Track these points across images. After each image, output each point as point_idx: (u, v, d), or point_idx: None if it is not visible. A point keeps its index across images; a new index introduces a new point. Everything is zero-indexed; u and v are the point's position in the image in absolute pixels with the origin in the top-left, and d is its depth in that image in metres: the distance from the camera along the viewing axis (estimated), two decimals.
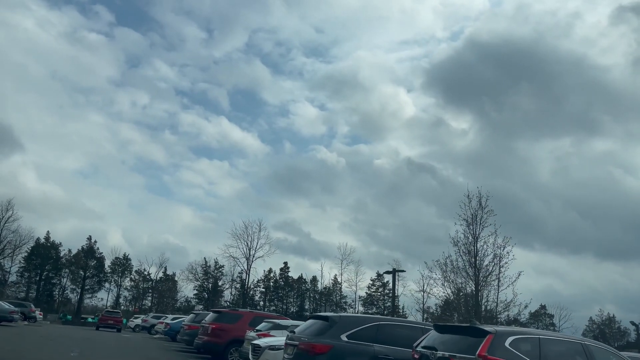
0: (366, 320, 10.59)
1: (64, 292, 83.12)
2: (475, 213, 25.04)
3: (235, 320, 19.08)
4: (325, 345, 9.65)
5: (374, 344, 9.93)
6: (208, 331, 18.76)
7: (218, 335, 18.54)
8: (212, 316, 19.61)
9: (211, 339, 18.56)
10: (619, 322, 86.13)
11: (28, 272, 79.82)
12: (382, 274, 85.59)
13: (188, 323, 24.26)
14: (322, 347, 9.63)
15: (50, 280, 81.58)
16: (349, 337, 9.90)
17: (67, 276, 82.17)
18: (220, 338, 18.51)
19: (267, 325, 16.98)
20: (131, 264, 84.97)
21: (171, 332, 32.22)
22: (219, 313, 19.73)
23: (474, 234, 24.69)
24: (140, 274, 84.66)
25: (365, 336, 10.02)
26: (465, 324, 10.22)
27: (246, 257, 74.05)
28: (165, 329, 32.96)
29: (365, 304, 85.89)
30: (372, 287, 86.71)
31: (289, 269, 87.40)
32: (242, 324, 19.02)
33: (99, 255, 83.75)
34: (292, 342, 10.41)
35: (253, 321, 19.20)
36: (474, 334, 7.64)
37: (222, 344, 18.39)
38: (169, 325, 32.76)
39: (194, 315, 24.82)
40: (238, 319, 19.15)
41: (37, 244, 79.31)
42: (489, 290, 25.05)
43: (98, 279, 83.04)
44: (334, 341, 9.76)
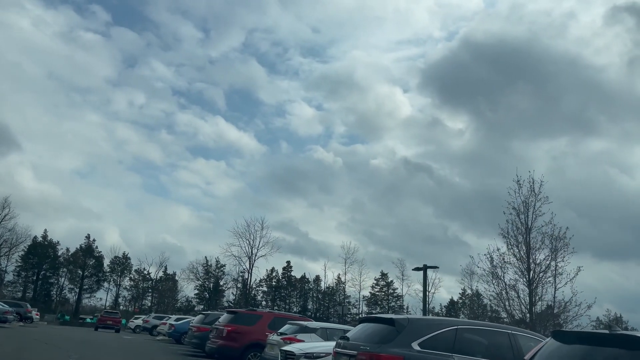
0: (442, 323, 8.33)
1: (62, 292, 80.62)
2: (527, 200, 22.46)
3: (253, 322, 16.88)
4: (394, 357, 7.45)
5: (452, 354, 7.75)
6: (223, 334, 16.55)
7: (234, 339, 16.34)
8: (227, 317, 17.36)
9: (227, 343, 16.33)
10: (626, 323, 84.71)
11: (25, 271, 77.40)
12: (384, 274, 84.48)
13: (197, 325, 22.02)
14: (391, 358, 7.44)
15: (47, 280, 79.12)
16: (422, 346, 7.70)
17: (65, 275, 79.69)
18: (237, 342, 16.31)
19: (292, 328, 14.79)
20: (130, 263, 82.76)
21: (176, 333, 30.01)
22: (235, 314, 17.45)
23: (526, 225, 22.14)
24: (140, 273, 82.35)
25: (442, 344, 7.82)
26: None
27: (248, 256, 72.25)
28: (170, 331, 30.69)
29: (368, 304, 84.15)
30: (375, 287, 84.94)
31: (292, 268, 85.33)
32: (261, 325, 16.84)
33: (97, 254, 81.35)
34: (346, 352, 8.19)
35: (273, 323, 17.03)
36: None
37: (239, 348, 16.19)
38: (174, 326, 30.51)
39: (203, 316, 22.57)
40: (256, 321, 16.94)
41: (34, 242, 76.88)
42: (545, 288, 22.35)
43: (97, 279, 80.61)
44: (404, 351, 7.56)
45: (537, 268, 21.82)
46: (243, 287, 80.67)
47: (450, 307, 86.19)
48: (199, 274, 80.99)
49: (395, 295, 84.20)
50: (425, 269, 23.14)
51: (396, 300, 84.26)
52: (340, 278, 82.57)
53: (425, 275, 23.26)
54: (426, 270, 23.25)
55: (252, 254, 72.26)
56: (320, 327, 14.70)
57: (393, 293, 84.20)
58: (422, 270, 23.13)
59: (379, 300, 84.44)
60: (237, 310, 17.63)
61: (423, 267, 23.13)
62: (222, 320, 17.44)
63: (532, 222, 21.74)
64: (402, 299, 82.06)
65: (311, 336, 14.30)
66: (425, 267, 23.16)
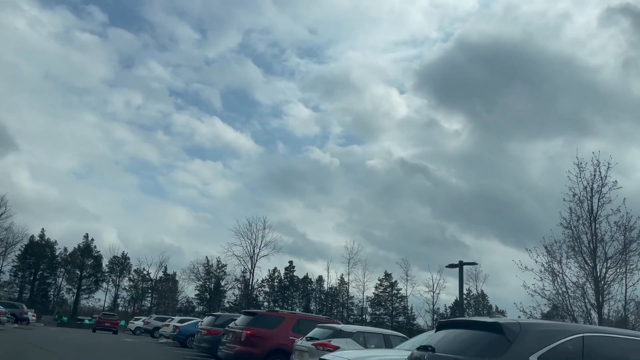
0: (564, 330, 6.12)
1: (60, 293, 78.13)
2: (591, 186, 20.12)
3: (275, 325, 14.79)
4: None
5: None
6: (241, 338, 14.43)
7: (255, 344, 14.24)
8: (245, 319, 15.21)
9: (246, 348, 14.22)
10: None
11: (22, 271, 74.95)
12: (388, 274, 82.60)
13: (207, 327, 19.88)
14: None
15: (45, 280, 76.66)
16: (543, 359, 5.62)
17: (63, 276, 77.27)
18: (257, 347, 14.21)
19: (324, 332, 12.69)
20: (130, 263, 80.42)
21: (181, 336, 27.88)
22: (254, 315, 15.27)
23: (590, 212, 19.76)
24: (139, 273, 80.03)
25: (566, 357, 5.74)
26: None
27: (250, 256, 70.33)
28: (174, 333, 28.53)
29: (372, 305, 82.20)
30: (379, 288, 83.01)
31: (294, 268, 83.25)
32: (284, 328, 14.77)
33: (96, 254, 78.91)
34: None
35: (297, 325, 14.97)
36: None
37: (261, 355, 14.11)
38: (178, 328, 28.35)
39: (213, 318, 20.41)
40: (278, 323, 14.85)
41: (31, 242, 74.49)
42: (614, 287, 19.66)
43: (95, 279, 78.21)
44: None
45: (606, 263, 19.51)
46: (245, 287, 78.65)
47: (455, 308, 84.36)
48: (200, 274, 78.97)
49: (399, 296, 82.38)
50: (462, 266, 21.08)
51: (400, 301, 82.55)
52: (343, 278, 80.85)
53: (461, 272, 21.18)
54: (462, 267, 21.18)
55: (254, 253, 70.42)
56: (357, 331, 12.62)
57: (397, 294, 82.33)
58: (458, 266, 21.08)
59: (383, 301, 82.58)
60: (256, 312, 15.50)
61: (459, 264, 21.06)
62: (239, 322, 15.30)
63: (599, 210, 19.48)
64: (407, 299, 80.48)
65: (347, 342, 12.22)
66: (462, 264, 21.07)
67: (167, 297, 79.18)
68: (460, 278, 21.37)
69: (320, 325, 13.36)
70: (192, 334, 27.74)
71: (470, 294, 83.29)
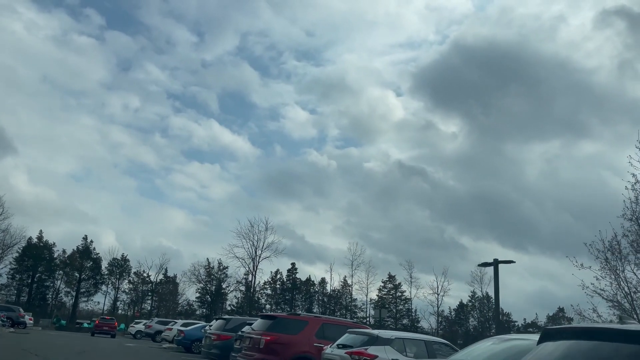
0: None
1: (58, 296, 76.27)
2: None
3: (297, 330, 13.16)
4: None
5: None
6: (260, 345, 12.80)
7: (275, 352, 12.61)
8: (263, 324, 13.56)
9: (265, 356, 12.57)
10: None
11: (19, 273, 73.11)
12: (392, 276, 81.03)
13: (217, 332, 18.21)
14: None
15: (43, 283, 74.79)
16: None
17: (62, 278, 75.39)
18: (278, 355, 12.58)
19: (357, 339, 11.08)
20: (129, 265, 78.57)
21: (186, 341, 26.19)
22: (273, 319, 13.59)
23: None
24: (139, 276, 78.22)
25: None
26: None
27: (252, 258, 68.76)
28: (179, 337, 26.84)
29: (376, 308, 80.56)
30: (383, 290, 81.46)
31: (297, 271, 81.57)
32: (308, 334, 13.15)
33: (95, 256, 77.06)
34: None
35: (321, 330, 13.36)
36: None
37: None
38: (183, 332, 26.67)
39: (223, 322, 18.75)
40: (301, 328, 13.22)
41: (29, 244, 72.65)
42: None
43: (94, 282, 76.37)
44: None
45: None
46: (247, 290, 76.97)
47: (460, 311, 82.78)
48: (201, 276, 77.29)
49: (403, 299, 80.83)
50: (497, 264, 19.39)
51: (404, 304, 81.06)
52: (346, 280, 79.31)
53: (497, 271, 19.51)
54: (497, 266, 19.50)
55: (255, 255, 68.87)
56: (396, 337, 10.99)
57: (401, 296, 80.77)
58: (493, 265, 19.41)
59: (387, 304, 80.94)
60: (276, 315, 13.83)
61: (494, 262, 19.40)
62: (256, 327, 13.65)
63: None
64: (411, 302, 78.98)
65: (385, 350, 10.62)
66: (497, 262, 19.38)
67: (168, 300, 77.40)
68: (496, 277, 19.68)
69: (351, 330, 11.75)
70: (197, 338, 26.12)
71: (475, 296, 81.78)
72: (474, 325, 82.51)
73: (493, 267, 19.64)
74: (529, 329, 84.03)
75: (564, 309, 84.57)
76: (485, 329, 78.69)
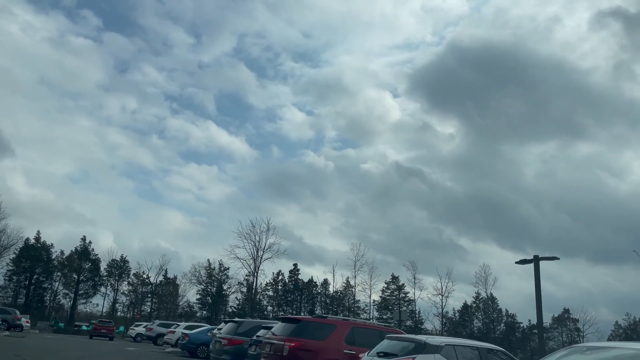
0: None
1: (56, 298, 74.30)
2: None
3: (325, 334, 11.55)
4: None
5: None
6: (283, 352, 11.19)
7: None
8: (286, 327, 11.96)
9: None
10: None
11: (17, 275, 71.15)
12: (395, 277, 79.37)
13: (228, 336, 16.59)
14: None
15: (40, 285, 72.80)
16: None
17: (60, 280, 73.45)
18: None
19: (400, 346, 9.50)
20: (129, 266, 76.69)
21: (191, 345, 24.55)
22: (297, 323, 11.94)
23: None
24: (139, 277, 76.39)
25: None
26: None
27: (253, 258, 67.12)
28: (183, 341, 25.18)
29: (379, 309, 78.99)
30: (386, 291, 79.84)
31: (299, 272, 79.91)
32: (336, 339, 11.55)
33: (94, 257, 75.17)
34: None
35: (351, 335, 11.77)
36: None
37: None
38: (188, 336, 25.01)
39: (234, 325, 17.09)
40: (329, 332, 11.61)
41: (26, 244, 70.72)
42: None
43: (93, 283, 74.45)
44: None
45: None
46: (248, 291, 75.28)
47: (464, 312, 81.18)
48: (202, 277, 75.60)
49: (406, 300, 79.28)
50: (537, 261, 17.75)
51: (407, 305, 79.49)
52: (349, 281, 77.75)
53: (537, 267, 17.89)
54: (538, 262, 17.88)
55: (257, 256, 67.25)
56: (445, 344, 9.40)
57: (405, 297, 79.19)
58: (534, 261, 17.79)
59: (390, 305, 79.41)
60: (300, 318, 12.19)
61: (534, 259, 17.76)
62: (278, 331, 12.03)
63: None
64: (415, 303, 77.42)
65: (435, 358, 9.04)
66: (538, 259, 17.73)
67: (168, 302, 75.66)
68: (537, 274, 18.06)
69: (391, 336, 10.15)
70: (203, 342, 24.55)
71: (479, 297, 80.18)
72: (478, 326, 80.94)
73: (534, 265, 18.06)
74: (533, 330, 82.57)
75: (569, 310, 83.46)
76: (490, 331, 77.14)
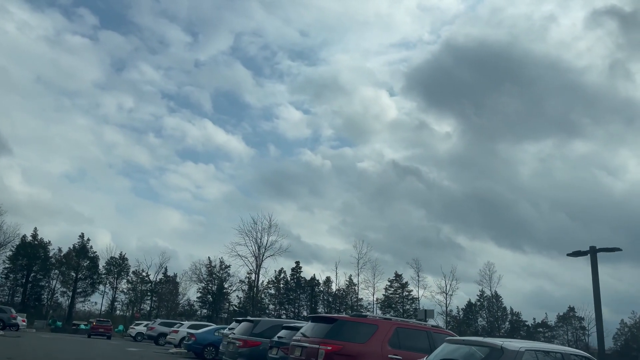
0: None
1: (54, 296, 72.30)
2: None
3: (365, 336, 9.81)
4: None
5: None
6: (317, 357, 9.46)
7: None
8: (319, 328, 10.15)
9: None
10: None
11: (13, 273, 69.17)
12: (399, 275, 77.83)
13: (242, 337, 14.83)
14: None
15: (38, 283, 70.76)
16: None
17: (57, 278, 71.44)
18: None
19: (468, 351, 7.77)
20: (128, 264, 74.78)
21: (197, 345, 22.79)
22: (332, 322, 10.14)
23: None
24: (138, 275, 74.54)
25: None
26: None
27: (255, 256, 65.44)
28: (189, 342, 23.41)
29: (382, 307, 77.35)
30: (389, 289, 78.20)
31: (301, 270, 78.22)
32: (379, 342, 9.82)
33: (92, 255, 73.19)
34: None
35: (396, 336, 10.04)
36: None
37: None
38: (194, 336, 23.24)
39: (250, 324, 15.24)
40: (370, 334, 9.86)
41: (23, 242, 68.73)
42: None
43: (91, 281, 72.46)
44: None
45: None
46: (249, 289, 73.54)
47: (468, 310, 79.60)
48: (202, 275, 73.84)
49: (410, 298, 77.71)
50: (595, 252, 15.88)
51: (411, 303, 77.94)
52: (352, 279, 76.13)
53: (595, 259, 16.07)
54: (595, 254, 16.03)
55: (259, 253, 65.56)
56: (526, 349, 7.66)
57: (408, 295, 77.60)
58: (590, 253, 15.94)
59: (393, 303, 77.83)
60: (336, 317, 10.32)
61: (590, 250, 15.87)
62: (309, 332, 10.26)
63: None
64: (418, 301, 75.84)
65: None
66: (595, 250, 15.82)
67: (168, 300, 73.83)
68: (594, 267, 16.23)
69: (452, 339, 8.41)
70: (210, 342, 22.84)
71: (484, 295, 78.69)
72: (482, 325, 79.40)
73: (590, 257, 16.28)
74: (538, 329, 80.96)
75: (574, 308, 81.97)
76: (495, 329, 75.61)
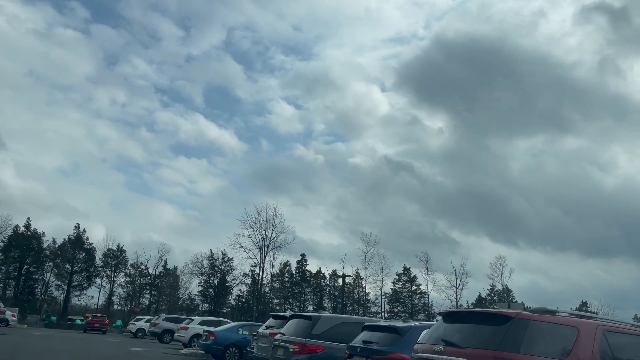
0: None
1: (48, 290, 67.79)
2: None
3: (563, 347, 5.74)
4: None
5: None
6: None
7: None
8: (469, 330, 5.98)
9: None
10: None
11: (5, 265, 64.62)
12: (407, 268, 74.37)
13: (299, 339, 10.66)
14: None
15: (31, 276, 66.20)
16: None
17: (52, 271, 67.01)
18: None
19: None
20: (126, 257, 70.49)
21: (217, 346, 18.62)
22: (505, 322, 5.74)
23: None
24: (137, 268, 70.24)
25: None
26: None
27: (259, 248, 61.51)
28: (207, 341, 19.21)
29: (390, 302, 73.73)
30: (397, 283, 74.58)
31: (307, 263, 74.21)
32: (583, 354, 5.68)
33: (88, 247, 68.83)
34: None
35: (605, 344, 5.88)
36: None
37: None
38: (214, 334, 19.05)
39: (307, 323, 10.85)
40: (571, 342, 5.80)
41: (15, 232, 64.22)
42: None
43: (87, 274, 68.01)
44: None
45: None
46: (252, 283, 69.59)
47: (478, 304, 76.31)
48: (204, 268, 69.70)
49: (419, 292, 74.13)
50: None
51: (420, 298, 74.43)
52: (358, 273, 72.36)
53: None
54: None
55: (263, 245, 61.63)
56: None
57: (417, 290, 73.99)
58: None
59: (401, 298, 74.22)
60: (506, 313, 5.91)
61: None
62: (449, 336, 5.92)
63: None
64: (428, 296, 72.44)
65: None
66: None
67: (168, 294, 69.60)
68: None
69: None
70: (233, 343, 18.70)
71: (494, 289, 75.39)
72: None
73: None
74: None
75: (587, 303, 79.13)
76: None
